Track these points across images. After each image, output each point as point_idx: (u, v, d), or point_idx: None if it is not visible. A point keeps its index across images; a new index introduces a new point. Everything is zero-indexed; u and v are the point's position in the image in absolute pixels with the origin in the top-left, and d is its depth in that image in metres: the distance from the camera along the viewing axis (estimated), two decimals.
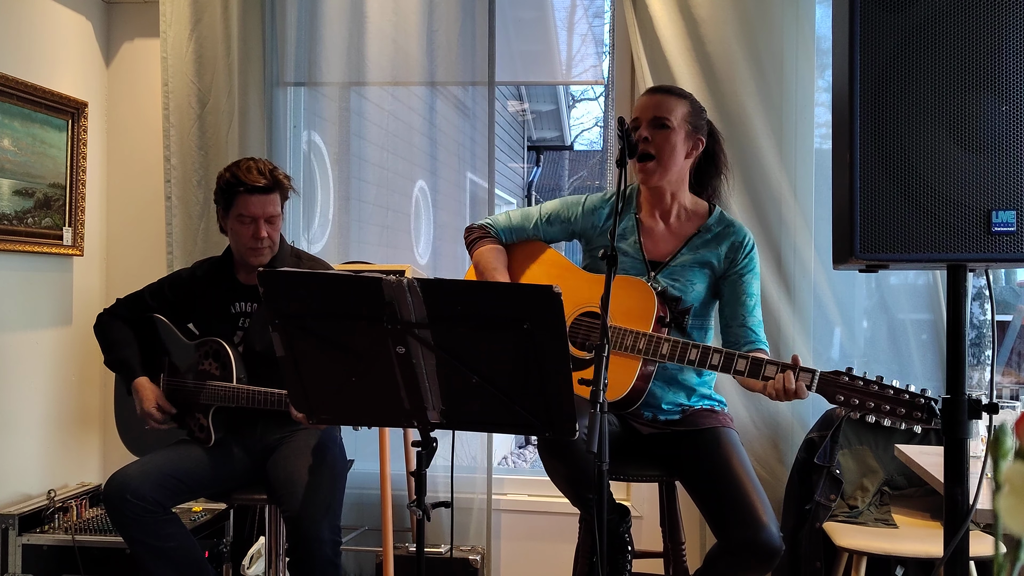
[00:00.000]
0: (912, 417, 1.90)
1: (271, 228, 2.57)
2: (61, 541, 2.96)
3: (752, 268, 2.36)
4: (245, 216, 2.55)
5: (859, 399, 1.96)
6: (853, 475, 2.79)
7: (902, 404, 1.91)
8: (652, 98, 2.35)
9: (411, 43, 3.30)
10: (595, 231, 2.46)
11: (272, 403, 2.46)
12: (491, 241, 2.50)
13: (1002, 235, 1.54)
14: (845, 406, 1.97)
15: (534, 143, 11.33)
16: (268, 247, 2.59)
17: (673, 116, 2.30)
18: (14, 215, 3.05)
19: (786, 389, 2.02)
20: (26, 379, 3.18)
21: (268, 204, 2.55)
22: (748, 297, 2.34)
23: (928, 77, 1.57)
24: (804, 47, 3.02)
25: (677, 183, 2.37)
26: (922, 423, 1.91)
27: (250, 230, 2.55)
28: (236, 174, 2.55)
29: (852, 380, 1.98)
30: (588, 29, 8.18)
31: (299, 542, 2.31)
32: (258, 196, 2.53)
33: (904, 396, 1.92)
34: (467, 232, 2.55)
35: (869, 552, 2.46)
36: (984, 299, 2.95)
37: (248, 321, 2.64)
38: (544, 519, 3.26)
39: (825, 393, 2.00)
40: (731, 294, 2.35)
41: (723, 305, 2.37)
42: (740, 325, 2.33)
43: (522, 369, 1.74)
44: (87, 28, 3.45)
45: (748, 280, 2.35)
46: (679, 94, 2.38)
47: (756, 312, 2.35)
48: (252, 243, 2.56)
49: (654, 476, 2.37)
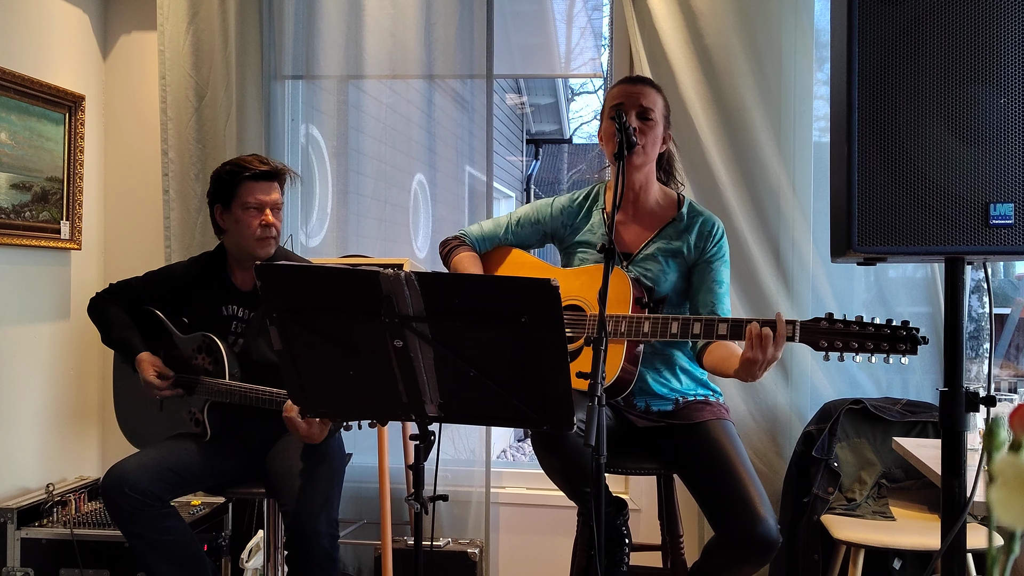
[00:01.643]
0: (897, 349, 1.95)
1: (277, 216, 2.56)
2: (60, 535, 2.96)
3: (721, 255, 2.36)
4: (251, 203, 2.51)
5: (842, 341, 1.98)
6: (851, 468, 2.79)
7: (884, 339, 1.96)
8: (637, 87, 2.36)
9: (409, 36, 3.29)
10: (566, 230, 2.48)
11: (264, 402, 2.44)
12: (466, 249, 2.52)
13: (1000, 228, 1.54)
14: (830, 350, 2.00)
15: (533, 136, 11.32)
16: (275, 237, 2.57)
17: (655, 109, 2.33)
18: (11, 209, 3.04)
19: (761, 336, 1.99)
20: (24, 373, 3.17)
21: (273, 191, 2.55)
22: (717, 284, 2.34)
23: (926, 70, 1.56)
24: (803, 40, 3.02)
25: (648, 176, 2.39)
26: (908, 352, 1.95)
27: (258, 219, 2.52)
28: (237, 163, 2.54)
29: (832, 324, 2.00)
30: (587, 22, 8.16)
31: (297, 536, 2.32)
32: (263, 182, 2.52)
33: (885, 331, 1.96)
34: (442, 245, 2.57)
35: (867, 544, 2.47)
36: (983, 292, 2.95)
37: (241, 326, 2.62)
38: (542, 512, 3.27)
39: (809, 341, 2.02)
40: (700, 281, 2.35)
41: (693, 293, 2.38)
42: (709, 313, 2.32)
43: (520, 362, 1.74)
44: (84, 21, 3.44)
45: (717, 267, 2.35)
46: (657, 87, 2.41)
47: (725, 300, 2.35)
48: (261, 232, 2.53)
49: (651, 469, 2.37)
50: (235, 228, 2.56)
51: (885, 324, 1.96)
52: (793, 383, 3.03)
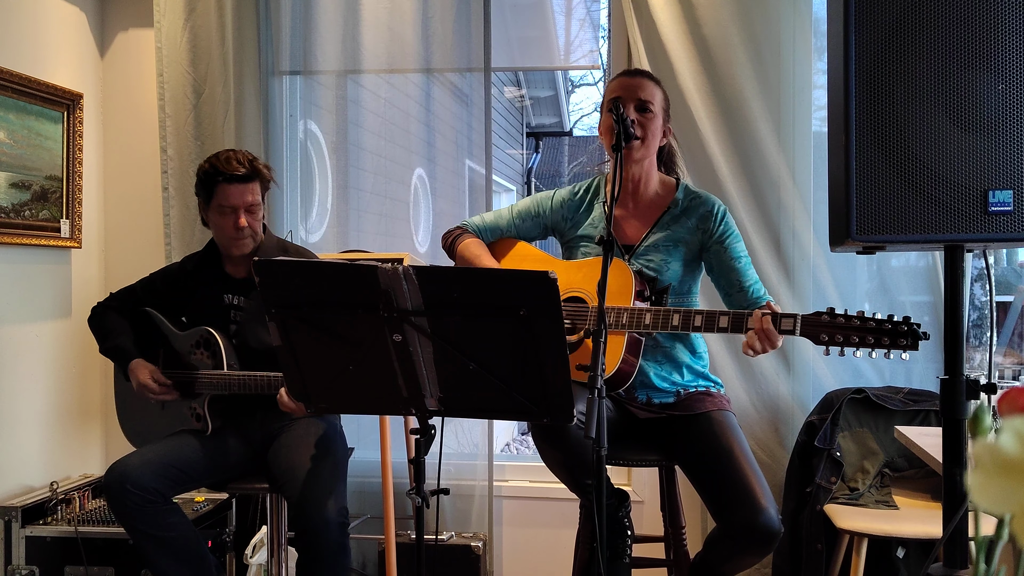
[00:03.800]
0: (897, 344, 1.94)
1: (251, 218, 2.56)
2: (64, 533, 2.97)
3: (731, 232, 2.35)
4: (225, 206, 2.54)
5: (843, 335, 1.97)
6: (854, 457, 2.79)
7: (886, 333, 1.95)
8: (635, 80, 2.35)
9: (406, 30, 3.29)
10: (567, 223, 2.47)
11: (262, 387, 2.47)
12: (470, 236, 2.51)
13: (999, 215, 1.53)
14: (831, 344, 1.99)
15: (533, 129, 11.30)
16: (250, 236, 2.59)
17: (654, 101, 2.32)
18: (11, 208, 3.05)
19: (764, 329, 2.02)
20: (27, 372, 3.18)
21: (247, 193, 2.54)
22: (736, 260, 2.33)
23: (924, 57, 1.56)
24: (801, 29, 3.01)
25: (648, 169, 2.38)
26: (909, 348, 1.93)
27: (231, 220, 2.54)
28: (215, 164, 2.54)
29: (834, 318, 2.00)
30: (586, 13, 8.14)
31: (305, 526, 2.30)
32: (237, 185, 2.52)
33: (887, 325, 1.95)
34: (444, 237, 2.56)
35: (870, 534, 2.47)
36: (985, 280, 2.94)
37: (239, 315, 2.64)
38: (545, 505, 3.27)
39: (809, 335, 2.02)
40: (719, 264, 2.34)
41: (716, 277, 2.36)
42: (739, 290, 2.31)
43: (519, 355, 1.74)
44: (81, 19, 3.43)
45: (730, 244, 2.33)
46: (656, 80, 2.40)
47: (750, 272, 2.34)
48: (233, 233, 2.56)
49: (653, 461, 2.37)
50: (214, 226, 2.62)
51: (886, 319, 1.95)
52: (795, 373, 3.02)
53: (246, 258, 2.62)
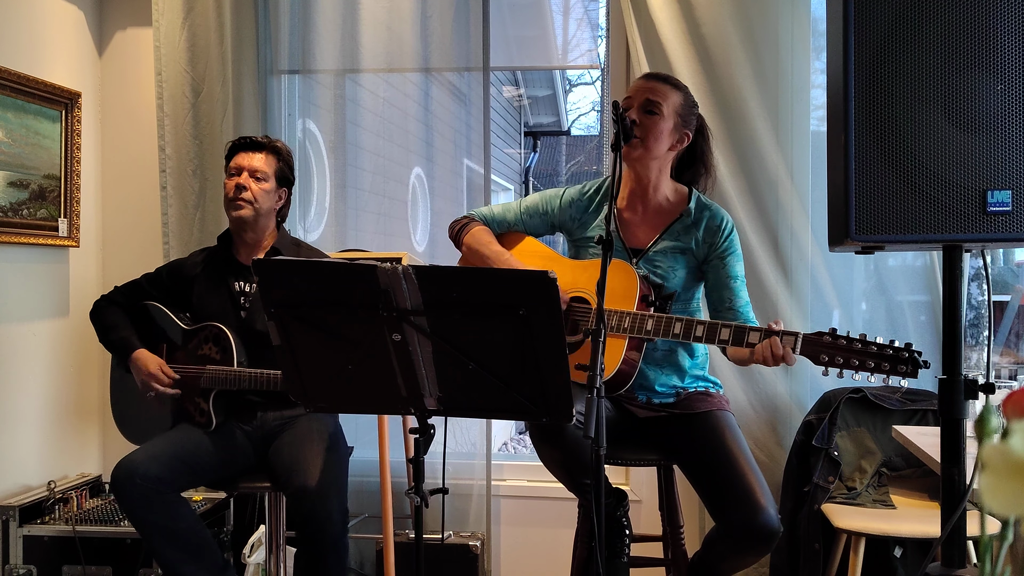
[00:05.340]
0: (898, 371, 1.93)
1: (254, 183, 2.61)
2: (62, 532, 2.97)
3: (733, 250, 2.35)
4: (231, 168, 2.64)
5: (843, 357, 1.97)
6: (851, 457, 2.79)
7: (886, 359, 1.94)
8: (647, 82, 2.34)
9: (405, 29, 3.28)
10: (574, 223, 2.46)
11: (272, 384, 2.48)
12: (478, 224, 2.50)
13: (997, 215, 1.54)
14: (830, 365, 1.98)
15: (531, 128, 11.28)
16: (249, 202, 2.61)
17: (665, 104, 2.28)
18: (9, 207, 3.04)
19: (774, 355, 2.03)
20: (25, 370, 3.17)
21: (255, 159, 2.64)
22: (732, 280, 2.33)
23: (923, 57, 1.56)
24: (800, 28, 3.01)
25: (658, 173, 2.36)
26: (908, 375, 1.93)
27: (234, 182, 2.62)
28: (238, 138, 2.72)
29: (835, 340, 1.99)
30: (584, 13, 8.14)
31: (308, 520, 2.31)
32: (248, 152, 2.64)
33: (888, 351, 1.94)
34: (451, 227, 2.53)
35: (868, 533, 2.47)
36: (982, 280, 2.95)
37: (249, 301, 2.66)
38: (543, 504, 3.27)
39: (809, 355, 2.02)
40: (715, 279, 2.34)
41: (709, 291, 2.36)
42: (728, 309, 2.32)
43: (518, 355, 1.74)
44: (79, 18, 3.43)
45: (730, 262, 2.33)
46: (675, 84, 2.36)
47: (743, 294, 2.34)
48: (234, 194, 2.61)
49: (651, 460, 2.38)
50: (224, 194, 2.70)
51: (888, 344, 1.94)
52: (793, 373, 3.02)
53: (256, 243, 2.68)
